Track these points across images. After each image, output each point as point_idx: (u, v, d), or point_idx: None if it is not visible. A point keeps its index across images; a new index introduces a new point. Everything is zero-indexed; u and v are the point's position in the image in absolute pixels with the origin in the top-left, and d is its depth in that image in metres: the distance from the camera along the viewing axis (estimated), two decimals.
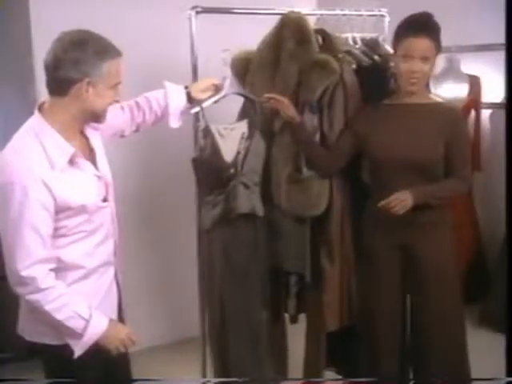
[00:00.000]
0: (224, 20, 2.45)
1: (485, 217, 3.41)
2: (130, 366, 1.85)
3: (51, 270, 1.54)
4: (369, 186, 2.19)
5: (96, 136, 1.72)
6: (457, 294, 2.13)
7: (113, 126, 1.87)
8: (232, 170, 2.11)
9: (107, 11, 2.52)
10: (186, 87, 2.06)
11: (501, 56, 3.08)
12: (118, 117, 1.91)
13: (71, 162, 1.57)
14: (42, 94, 2.59)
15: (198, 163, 2.13)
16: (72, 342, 1.58)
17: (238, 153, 2.14)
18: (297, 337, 2.45)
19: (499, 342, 2.76)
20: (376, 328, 2.16)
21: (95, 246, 1.65)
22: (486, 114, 3.39)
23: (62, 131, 1.56)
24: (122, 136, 2.00)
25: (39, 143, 1.52)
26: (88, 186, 1.62)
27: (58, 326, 1.56)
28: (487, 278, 3.29)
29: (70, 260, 1.59)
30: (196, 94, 2.05)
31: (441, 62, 3.01)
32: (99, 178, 1.66)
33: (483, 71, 3.28)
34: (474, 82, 3.27)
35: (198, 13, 2.30)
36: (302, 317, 2.43)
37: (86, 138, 1.68)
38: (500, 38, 2.96)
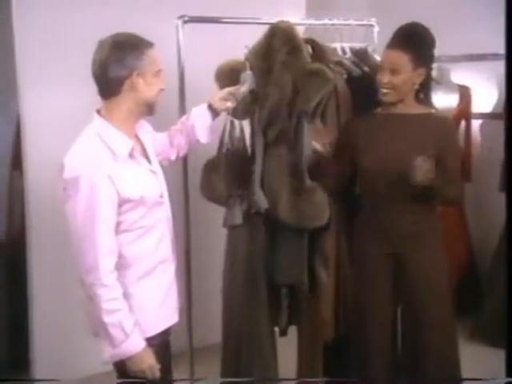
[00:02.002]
0: (212, 29, 2.46)
1: (476, 228, 3.42)
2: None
3: (115, 267, 1.66)
4: (360, 196, 2.19)
5: (148, 138, 1.89)
6: (448, 305, 2.14)
7: (159, 151, 2.03)
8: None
9: (91, 21, 2.51)
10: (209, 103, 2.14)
11: (491, 66, 3.15)
12: (161, 142, 2.09)
13: (130, 155, 1.72)
14: (25, 109, 2.63)
15: (229, 155, 2.19)
16: (105, 348, 1.68)
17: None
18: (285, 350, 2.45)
19: (491, 355, 2.78)
20: (367, 337, 2.16)
21: (154, 243, 1.77)
22: (476, 124, 3.41)
23: (120, 128, 1.71)
24: (169, 161, 2.15)
25: (101, 140, 1.68)
26: (146, 179, 1.77)
27: (101, 327, 1.66)
28: (479, 291, 3.30)
29: (132, 256, 1.72)
30: (218, 105, 2.13)
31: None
32: (154, 173, 1.82)
33: (473, 81, 3.31)
34: (464, 92, 3.30)
35: (185, 22, 2.30)
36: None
37: (139, 139, 1.84)
38: (490, 47, 3.02)
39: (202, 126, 2.11)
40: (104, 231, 1.63)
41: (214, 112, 2.13)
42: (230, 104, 2.12)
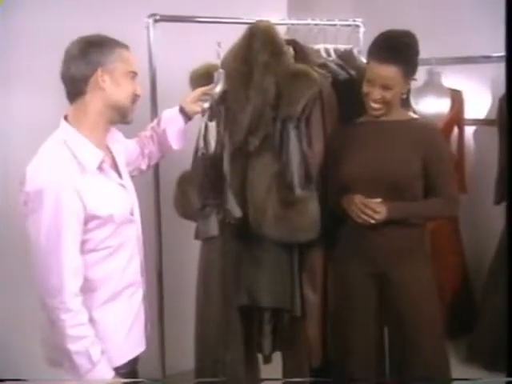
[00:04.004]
0: (185, 29, 2.45)
1: (471, 242, 3.44)
2: None
3: (80, 290, 1.62)
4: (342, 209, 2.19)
5: (119, 149, 1.86)
6: (437, 325, 2.15)
7: (130, 160, 2.01)
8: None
9: (57, 22, 2.49)
10: (180, 106, 2.12)
11: (484, 69, 3.19)
12: (132, 150, 2.05)
13: (99, 167, 1.68)
14: None
15: (204, 161, 2.14)
16: (69, 378, 1.66)
17: None
18: None
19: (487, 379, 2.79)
20: (352, 359, 2.16)
21: (122, 265, 1.74)
22: (469, 130, 3.44)
23: (89, 136, 1.68)
24: (141, 172, 2.14)
25: (68, 149, 1.64)
26: (115, 195, 1.73)
27: (64, 355, 1.62)
28: (474, 309, 3.31)
29: (97, 278, 1.68)
30: (190, 108, 2.11)
31: (421, 75, 3.07)
32: (124, 188, 1.79)
33: (466, 85, 3.35)
34: (456, 97, 3.32)
35: (156, 21, 2.29)
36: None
37: (110, 151, 1.81)
38: (483, 49, 3.06)
39: (174, 131, 2.09)
40: (70, 250, 1.59)
41: (187, 115, 2.11)
42: (206, 105, 2.08)
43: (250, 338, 2.33)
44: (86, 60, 1.65)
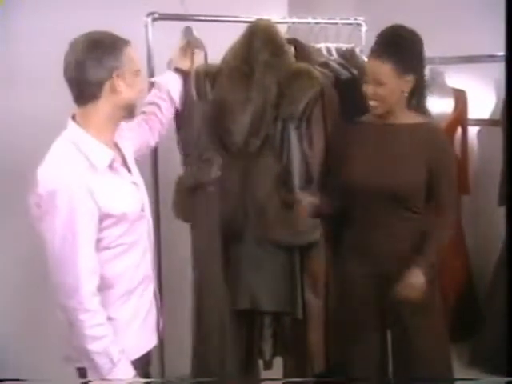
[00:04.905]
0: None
1: (474, 244, 3.43)
2: None
3: (97, 289, 1.64)
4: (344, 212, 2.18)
5: (127, 146, 1.87)
6: (441, 329, 2.15)
7: (140, 142, 2.07)
8: None
9: (52, 20, 2.50)
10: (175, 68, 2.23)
11: (488, 68, 3.18)
12: (140, 134, 2.09)
13: (110, 166, 1.70)
14: None
15: (198, 107, 2.20)
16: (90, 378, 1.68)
17: None
18: None
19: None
20: (354, 364, 2.17)
21: (136, 262, 1.78)
22: (472, 131, 3.44)
23: (97, 136, 1.69)
24: (149, 148, 2.19)
25: (77, 150, 1.65)
26: (127, 192, 1.76)
27: (84, 355, 1.64)
28: (478, 312, 3.31)
29: (112, 275, 1.71)
30: (183, 64, 2.21)
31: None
32: (136, 185, 1.81)
33: (469, 85, 3.34)
34: (460, 97, 3.31)
35: (154, 20, 2.29)
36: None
37: (119, 148, 1.82)
38: (487, 48, 3.05)
39: (177, 90, 2.19)
40: (85, 250, 1.61)
41: (183, 72, 2.22)
42: (196, 51, 2.20)
43: (250, 341, 2.33)
44: (99, 64, 1.64)
